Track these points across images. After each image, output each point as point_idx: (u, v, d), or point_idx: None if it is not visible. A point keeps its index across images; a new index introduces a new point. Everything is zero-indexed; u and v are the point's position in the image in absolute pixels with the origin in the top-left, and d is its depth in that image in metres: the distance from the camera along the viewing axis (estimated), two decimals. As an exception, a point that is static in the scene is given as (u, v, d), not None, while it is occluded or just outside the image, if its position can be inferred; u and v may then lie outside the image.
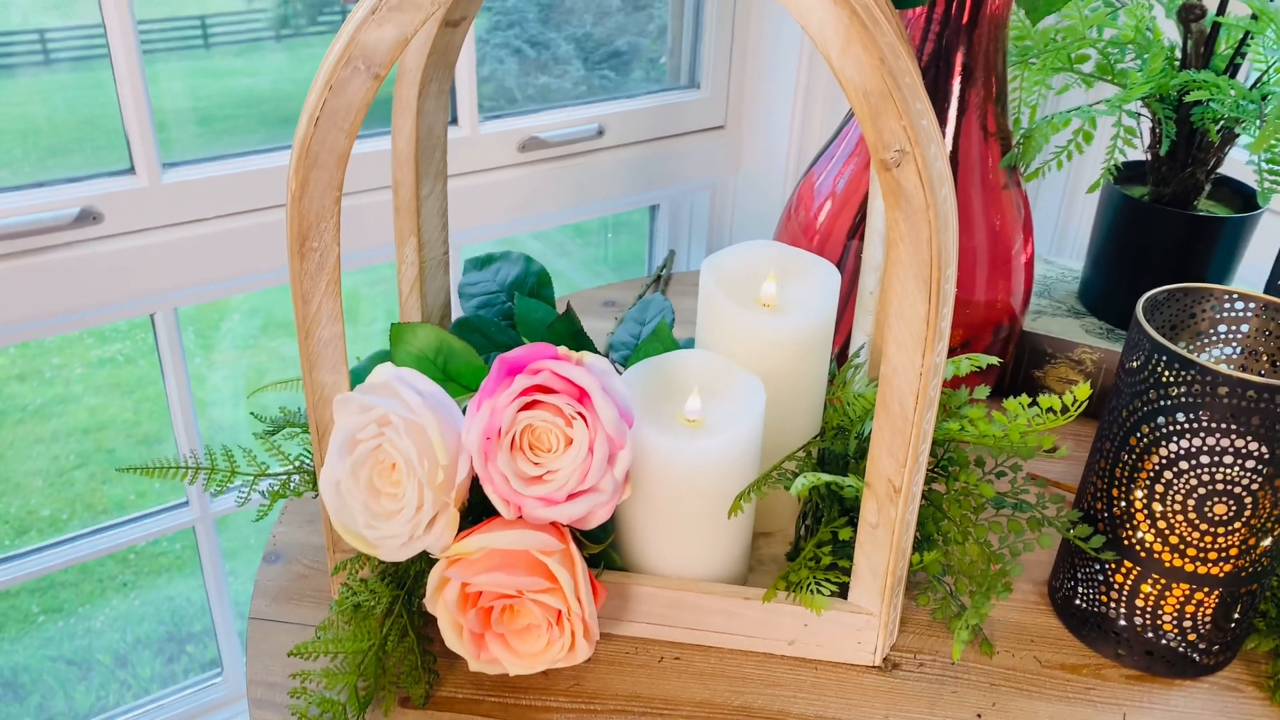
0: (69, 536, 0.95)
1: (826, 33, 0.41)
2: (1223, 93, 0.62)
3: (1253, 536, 0.50)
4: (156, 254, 0.79)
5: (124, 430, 3.16)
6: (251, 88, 4.18)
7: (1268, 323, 0.54)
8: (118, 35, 0.72)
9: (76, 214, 0.74)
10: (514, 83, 1.05)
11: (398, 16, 0.43)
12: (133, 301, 0.80)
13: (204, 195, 0.79)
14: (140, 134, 0.76)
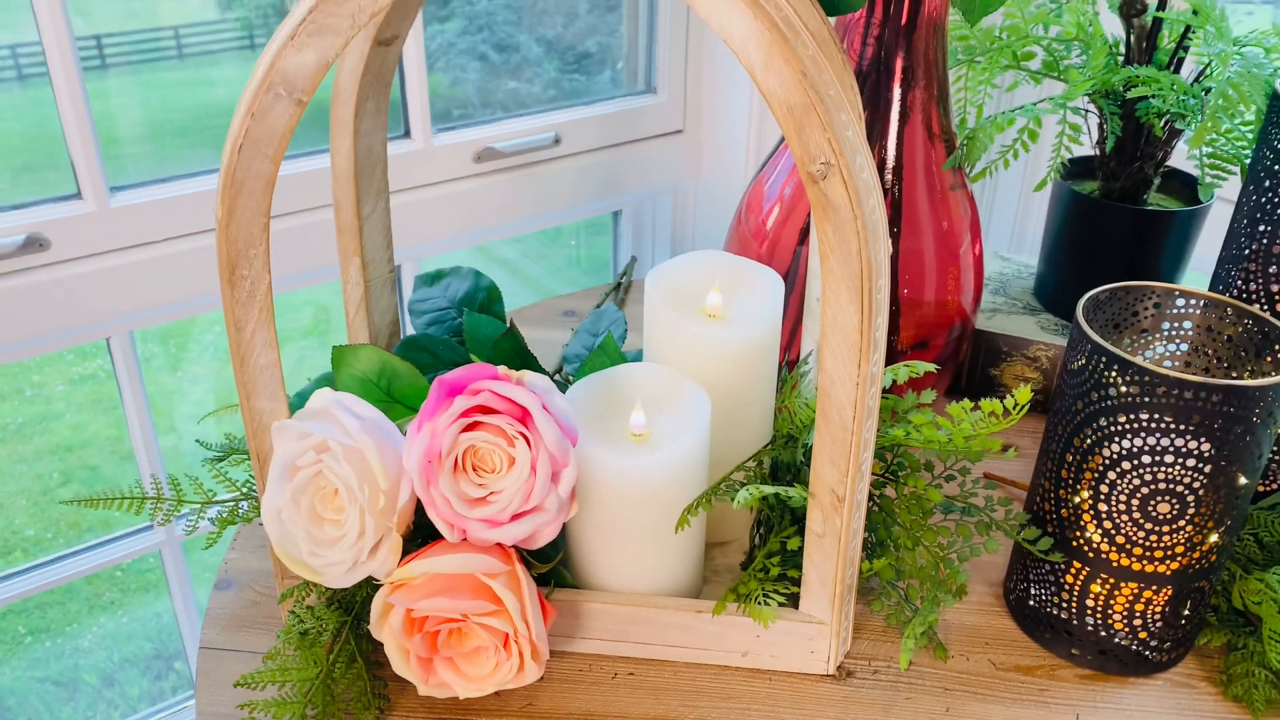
0: (42, 561, 0.94)
1: (749, 48, 0.41)
2: (1164, 88, 0.63)
3: (1198, 534, 0.50)
4: (108, 278, 0.78)
5: (107, 447, 3.14)
6: (227, 99, 4.13)
7: (1209, 318, 0.54)
8: (56, 58, 0.71)
9: (22, 241, 0.73)
10: (476, 89, 1.04)
11: (316, 41, 0.42)
12: (86, 327, 0.80)
13: (153, 218, 0.79)
14: (85, 159, 0.75)
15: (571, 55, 1.05)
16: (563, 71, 1.06)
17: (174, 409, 3.22)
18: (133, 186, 0.79)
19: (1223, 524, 0.50)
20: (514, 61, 1.08)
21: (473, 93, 1.06)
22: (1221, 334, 0.54)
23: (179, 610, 1.00)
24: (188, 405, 3.21)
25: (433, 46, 0.97)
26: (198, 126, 4.22)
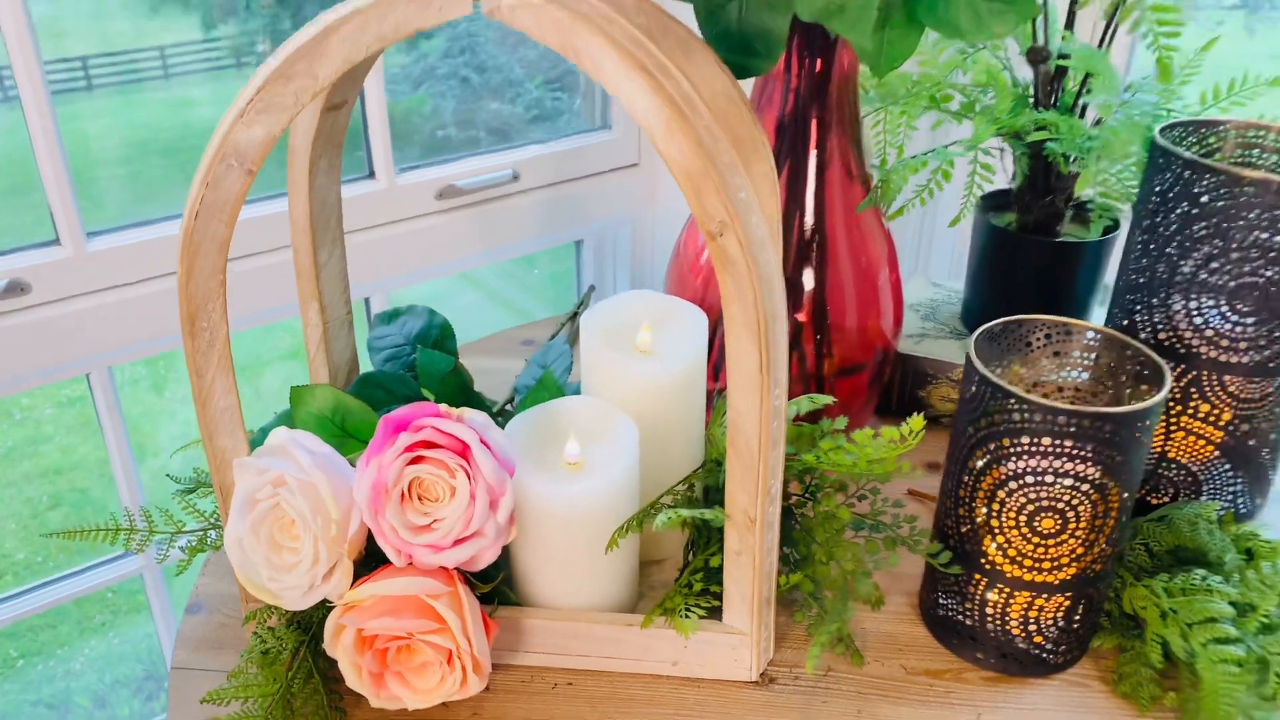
0: (30, 586, 0.98)
1: (651, 120, 0.45)
2: (1063, 131, 0.68)
3: (1080, 547, 0.55)
4: (86, 319, 0.82)
5: (96, 470, 3.17)
6: (211, 118, 4.18)
7: (1093, 347, 0.59)
8: (34, 114, 0.76)
9: (4, 286, 0.78)
10: (452, 113, 1.09)
11: (264, 118, 0.47)
12: (66, 365, 0.84)
13: (129, 260, 0.83)
14: (63, 207, 0.79)
15: (557, 72, 1.09)
16: (545, 90, 1.11)
17: (160, 430, 3.25)
18: (108, 231, 0.83)
19: (1103, 536, 0.55)
20: (497, 81, 1.12)
21: (447, 120, 1.11)
22: (1105, 361, 0.59)
23: (161, 633, 1.04)
24: (175, 425, 3.24)
25: (416, 70, 1.01)
26: (182, 146, 4.28)
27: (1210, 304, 0.61)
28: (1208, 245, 0.59)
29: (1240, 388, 0.62)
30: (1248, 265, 0.59)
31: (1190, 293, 0.61)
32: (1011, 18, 0.53)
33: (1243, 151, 0.65)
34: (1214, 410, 0.63)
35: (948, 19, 0.54)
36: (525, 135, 2.74)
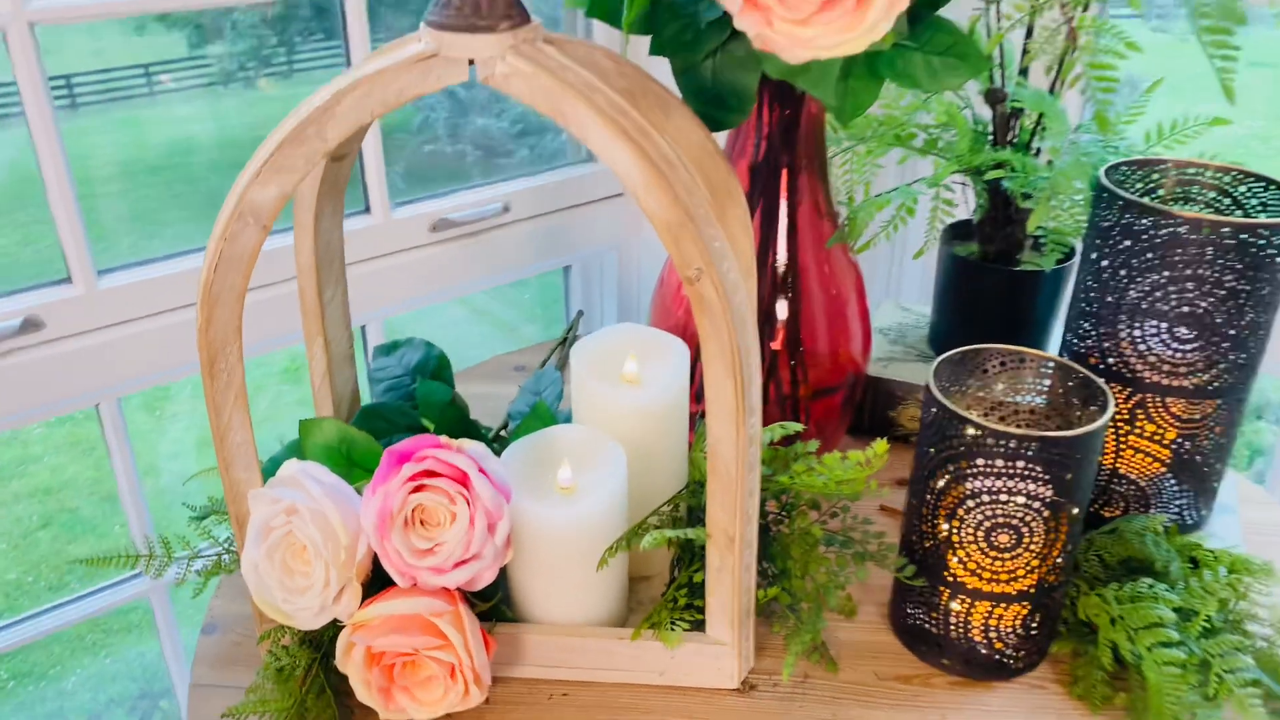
0: (34, 611, 1.02)
1: (632, 177, 0.50)
2: (1018, 169, 0.72)
3: (1035, 560, 0.59)
4: (96, 354, 0.86)
5: (86, 488, 3.19)
6: (198, 135, 4.20)
7: (1044, 373, 0.64)
8: (49, 163, 0.80)
9: (20, 324, 0.82)
10: (442, 126, 1.14)
11: (278, 178, 0.51)
12: (77, 397, 0.88)
13: (138, 297, 0.87)
14: (75, 246, 0.83)
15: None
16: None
17: (152, 449, 3.28)
18: (118, 269, 0.87)
19: (1056, 550, 0.59)
20: (482, 97, 1.16)
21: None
22: (1056, 386, 0.63)
23: (167, 652, 1.07)
24: (166, 443, 3.26)
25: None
26: (169, 164, 4.30)
27: (1153, 331, 0.65)
28: (1149, 277, 0.64)
29: (1183, 409, 0.67)
30: (1186, 295, 0.64)
31: (1135, 320, 0.66)
32: (964, 72, 0.58)
33: (1182, 188, 0.70)
34: (1159, 430, 0.68)
35: (906, 72, 0.59)
36: (511, 151, 2.76)
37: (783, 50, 0.49)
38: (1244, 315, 0.64)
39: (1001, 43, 0.72)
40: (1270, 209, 0.68)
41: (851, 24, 0.47)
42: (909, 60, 0.58)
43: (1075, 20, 0.62)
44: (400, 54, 0.52)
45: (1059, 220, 0.72)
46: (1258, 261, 0.62)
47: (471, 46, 0.50)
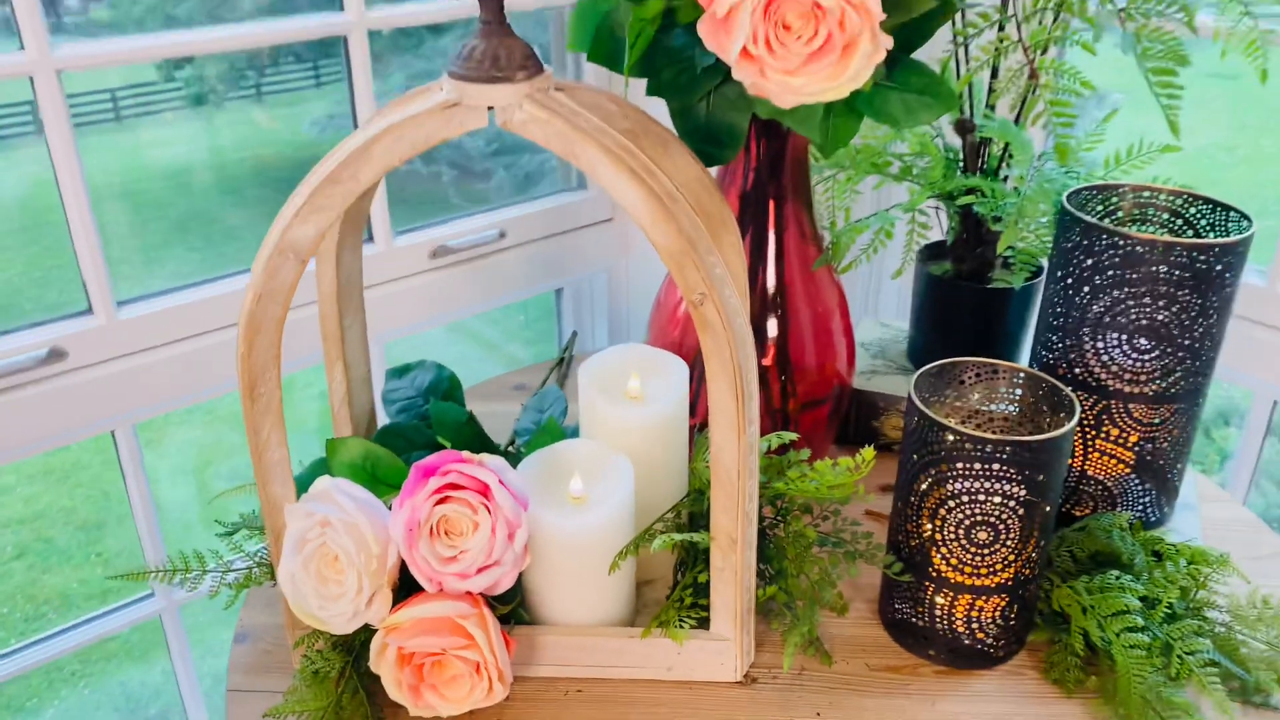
0: (41, 637, 1.05)
1: (639, 211, 0.55)
2: (987, 194, 0.78)
3: (1011, 554, 0.64)
4: (116, 381, 0.90)
5: (61, 518, 3.19)
6: (166, 160, 4.22)
7: (1016, 383, 0.69)
8: (72, 199, 0.84)
9: (46, 354, 0.86)
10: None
11: (315, 217, 0.56)
12: (96, 423, 0.91)
13: (155, 326, 0.91)
14: (96, 280, 0.87)
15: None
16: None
17: (150, 464, 3.28)
18: (137, 300, 0.91)
19: (1031, 545, 0.65)
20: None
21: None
22: (1027, 395, 0.69)
23: (179, 671, 1.10)
24: (156, 458, 3.27)
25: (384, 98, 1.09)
26: (137, 189, 4.32)
27: (1115, 342, 0.71)
28: (1110, 293, 0.70)
29: (1144, 413, 0.73)
30: (1144, 309, 0.69)
31: (1098, 333, 0.71)
32: (937, 109, 0.64)
33: (1139, 210, 0.76)
34: (1122, 433, 0.73)
35: (884, 110, 0.64)
36: (489, 171, 2.80)
37: (774, 96, 0.54)
38: (1197, 326, 0.70)
39: (970, 81, 0.77)
40: (1218, 229, 0.74)
41: (836, 74, 0.52)
42: (886, 99, 0.64)
43: (1036, 62, 0.68)
44: (425, 102, 0.57)
45: (1026, 241, 0.78)
46: (1208, 277, 0.68)
47: (491, 95, 0.55)
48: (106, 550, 3.12)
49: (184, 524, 2.98)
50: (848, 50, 0.52)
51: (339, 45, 0.96)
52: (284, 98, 4.65)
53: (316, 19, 0.94)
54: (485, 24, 0.56)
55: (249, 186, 4.01)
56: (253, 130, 4.30)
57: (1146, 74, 0.62)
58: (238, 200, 3.89)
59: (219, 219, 3.82)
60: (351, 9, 0.94)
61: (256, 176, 4.11)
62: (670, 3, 0.63)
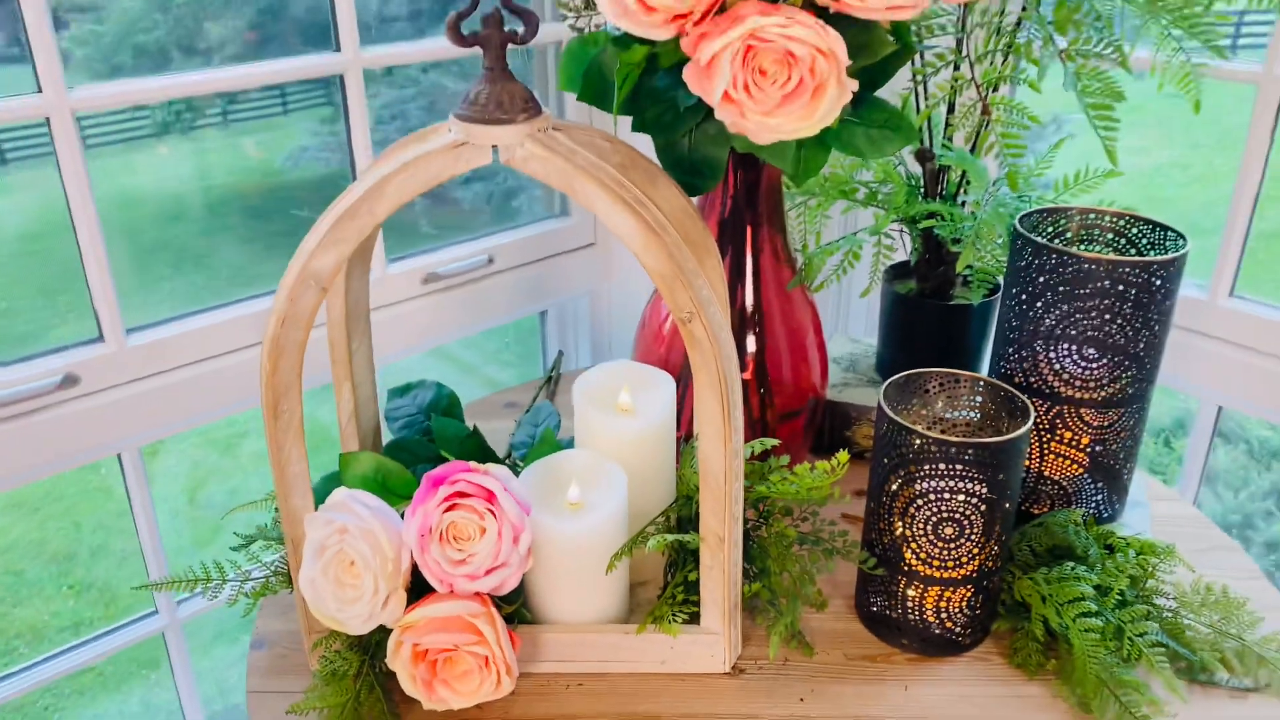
0: (52, 654, 1.08)
1: (633, 239, 0.61)
2: (946, 218, 0.85)
3: (976, 548, 0.70)
4: (126, 406, 0.94)
5: (31, 550, 3.18)
6: (132, 187, 4.24)
7: (975, 390, 0.75)
8: (88, 241, 0.89)
9: (60, 380, 0.90)
10: None
11: (335, 248, 0.61)
12: (105, 447, 0.95)
13: (164, 352, 0.95)
14: (108, 308, 0.92)
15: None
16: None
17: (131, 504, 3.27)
18: (145, 327, 0.96)
19: (993, 539, 0.70)
20: None
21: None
22: (987, 402, 0.75)
23: (181, 688, 1.14)
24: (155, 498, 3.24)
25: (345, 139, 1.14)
26: (105, 217, 4.26)
27: (1066, 353, 0.77)
28: (1060, 307, 0.76)
29: (1094, 417, 0.79)
30: (1091, 322, 0.76)
31: (1050, 344, 0.78)
32: (898, 141, 0.70)
33: (1086, 230, 0.83)
34: (1075, 436, 0.80)
35: (850, 143, 0.70)
36: (457, 197, 2.84)
37: (753, 134, 0.60)
38: (1140, 336, 0.76)
39: (929, 116, 0.84)
40: (1158, 248, 0.81)
41: (807, 114, 0.58)
42: (853, 133, 0.70)
43: (988, 98, 0.75)
44: (434, 142, 0.62)
45: (983, 261, 0.84)
46: (1149, 291, 0.74)
47: (495, 135, 0.61)
48: (78, 582, 3.11)
49: (176, 549, 2.99)
50: (817, 93, 0.58)
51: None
52: (251, 125, 4.67)
53: (315, 59, 1.00)
54: (489, 70, 0.62)
55: (215, 215, 4.03)
56: (222, 158, 4.32)
57: (1086, 109, 0.69)
58: (204, 229, 3.91)
59: (187, 248, 3.84)
60: (347, 49, 1.00)
61: (224, 205, 4.13)
62: (654, 49, 0.68)
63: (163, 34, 3.31)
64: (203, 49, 3.49)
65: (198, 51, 3.38)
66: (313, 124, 4.22)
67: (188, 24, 3.40)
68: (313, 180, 3.91)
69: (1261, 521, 3.55)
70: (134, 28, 3.33)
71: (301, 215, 3.74)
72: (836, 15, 0.61)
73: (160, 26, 3.32)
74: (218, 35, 3.51)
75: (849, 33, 0.61)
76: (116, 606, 2.95)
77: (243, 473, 3.04)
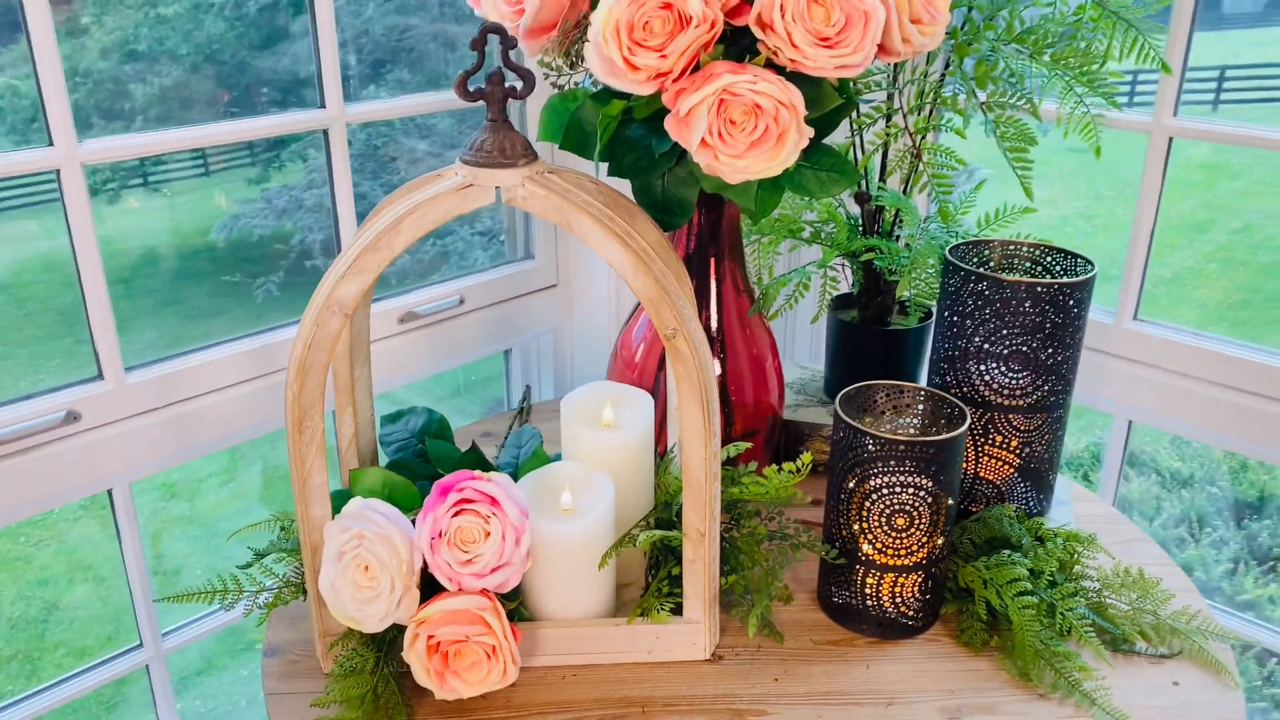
0: (33, 690, 1.10)
1: (623, 265, 0.69)
2: (884, 252, 0.95)
3: (924, 537, 0.79)
4: (122, 441, 0.99)
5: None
6: (51, 251, 4.21)
7: (917, 399, 0.85)
8: (92, 286, 0.94)
9: (63, 416, 0.94)
10: (319, 245, 1.31)
11: (357, 278, 0.69)
12: (100, 482, 1.00)
13: (160, 389, 1.01)
14: (107, 347, 0.97)
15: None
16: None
17: (100, 552, 3.25)
18: (142, 366, 1.01)
19: (939, 529, 0.80)
20: (361, 209, 1.33)
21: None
22: (927, 411, 0.85)
23: (163, 718, 1.17)
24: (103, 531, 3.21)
25: (281, 200, 1.22)
26: (17, 282, 4.30)
27: (994, 366, 0.88)
28: (987, 326, 0.87)
29: (1021, 423, 0.89)
30: (1015, 338, 0.86)
31: (979, 359, 0.88)
32: (843, 183, 0.80)
33: (1007, 260, 0.94)
34: (1006, 439, 0.90)
35: (801, 184, 0.80)
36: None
37: (725, 175, 0.70)
38: (1059, 351, 0.87)
39: (868, 160, 0.95)
40: (1069, 273, 0.92)
41: (773, 156, 0.68)
42: (805, 176, 0.80)
43: (919, 144, 0.85)
44: (442, 184, 0.70)
45: (918, 289, 0.94)
46: (1064, 311, 0.85)
47: (499, 178, 0.69)
48: (135, 596, 3.08)
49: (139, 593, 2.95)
50: (781, 139, 0.68)
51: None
52: (175, 185, 4.68)
53: (300, 115, 1.07)
54: (491, 121, 0.71)
55: (137, 277, 4.02)
56: (147, 220, 4.32)
57: (1004, 152, 0.80)
58: (125, 290, 3.89)
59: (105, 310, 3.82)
60: (332, 104, 1.07)
61: (146, 266, 4.12)
62: (630, 102, 0.78)
63: (82, 96, 3.34)
64: (127, 110, 3.52)
65: (120, 115, 3.41)
66: (238, 185, 4.24)
67: (108, 87, 3.43)
68: (239, 243, 3.92)
69: (1175, 547, 3.75)
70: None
71: (234, 281, 3.74)
72: (793, 73, 0.71)
73: (79, 89, 3.35)
74: (143, 96, 3.54)
75: (802, 88, 0.71)
76: (38, 680, 2.90)
77: (203, 520, 3.03)
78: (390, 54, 3.03)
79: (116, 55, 3.39)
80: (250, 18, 3.31)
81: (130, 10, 3.36)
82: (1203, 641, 0.82)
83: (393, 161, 3.21)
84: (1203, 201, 6.23)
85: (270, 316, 2.04)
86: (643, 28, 0.68)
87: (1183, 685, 0.79)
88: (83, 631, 3.07)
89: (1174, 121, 1.11)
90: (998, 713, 0.76)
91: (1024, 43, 0.81)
